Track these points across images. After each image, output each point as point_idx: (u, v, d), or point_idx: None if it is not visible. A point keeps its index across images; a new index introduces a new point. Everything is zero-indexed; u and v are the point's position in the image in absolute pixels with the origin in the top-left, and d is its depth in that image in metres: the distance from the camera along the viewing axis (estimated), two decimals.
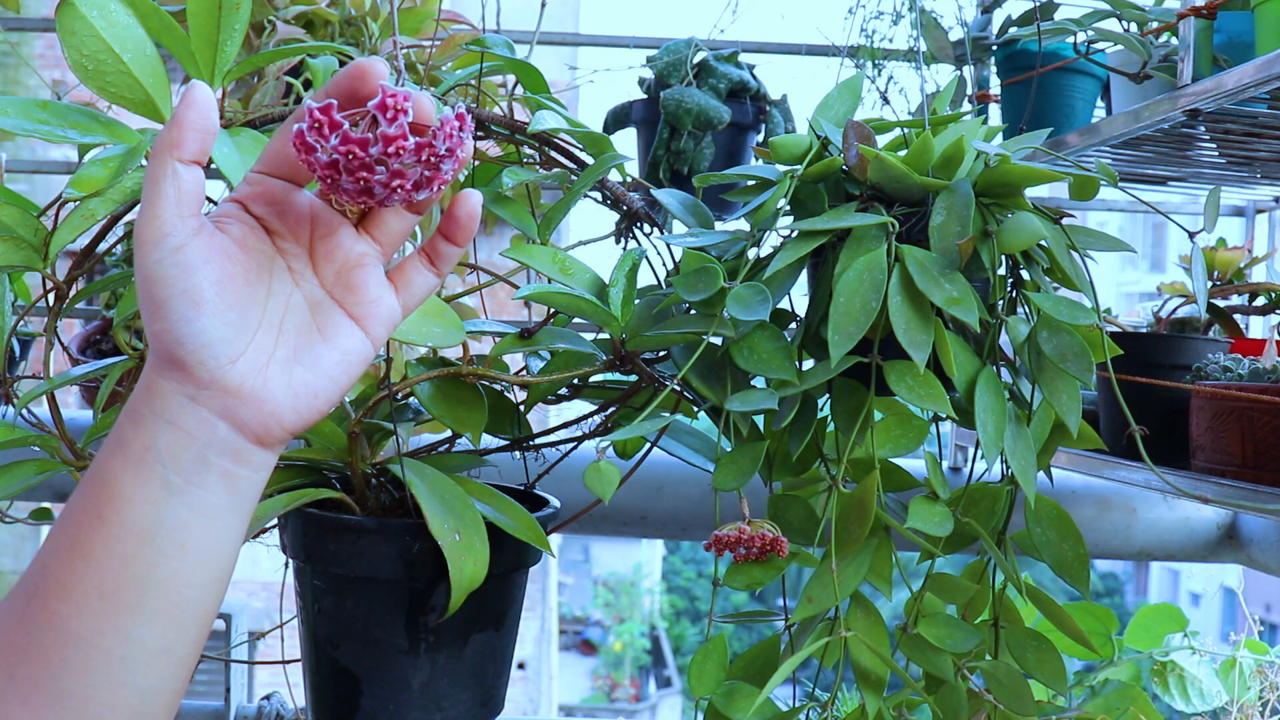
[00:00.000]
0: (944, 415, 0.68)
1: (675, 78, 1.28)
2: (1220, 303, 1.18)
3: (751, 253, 0.71)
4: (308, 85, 1.02)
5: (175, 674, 0.50)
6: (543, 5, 1.01)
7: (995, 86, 1.27)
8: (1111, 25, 1.13)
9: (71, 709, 0.47)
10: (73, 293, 0.79)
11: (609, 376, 0.79)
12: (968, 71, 1.29)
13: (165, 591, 0.48)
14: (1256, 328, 1.32)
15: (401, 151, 0.46)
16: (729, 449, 0.70)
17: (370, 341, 0.52)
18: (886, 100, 1.32)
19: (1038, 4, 1.17)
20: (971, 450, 0.75)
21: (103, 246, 0.78)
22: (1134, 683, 1.23)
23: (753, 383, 0.71)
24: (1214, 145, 1.10)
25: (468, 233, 0.54)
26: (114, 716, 0.48)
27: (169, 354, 0.47)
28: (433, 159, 0.47)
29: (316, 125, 0.46)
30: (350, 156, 0.46)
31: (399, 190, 0.48)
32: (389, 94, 0.46)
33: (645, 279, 0.77)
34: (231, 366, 0.48)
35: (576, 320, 0.91)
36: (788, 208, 0.72)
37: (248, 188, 0.50)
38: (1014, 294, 0.72)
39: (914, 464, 0.93)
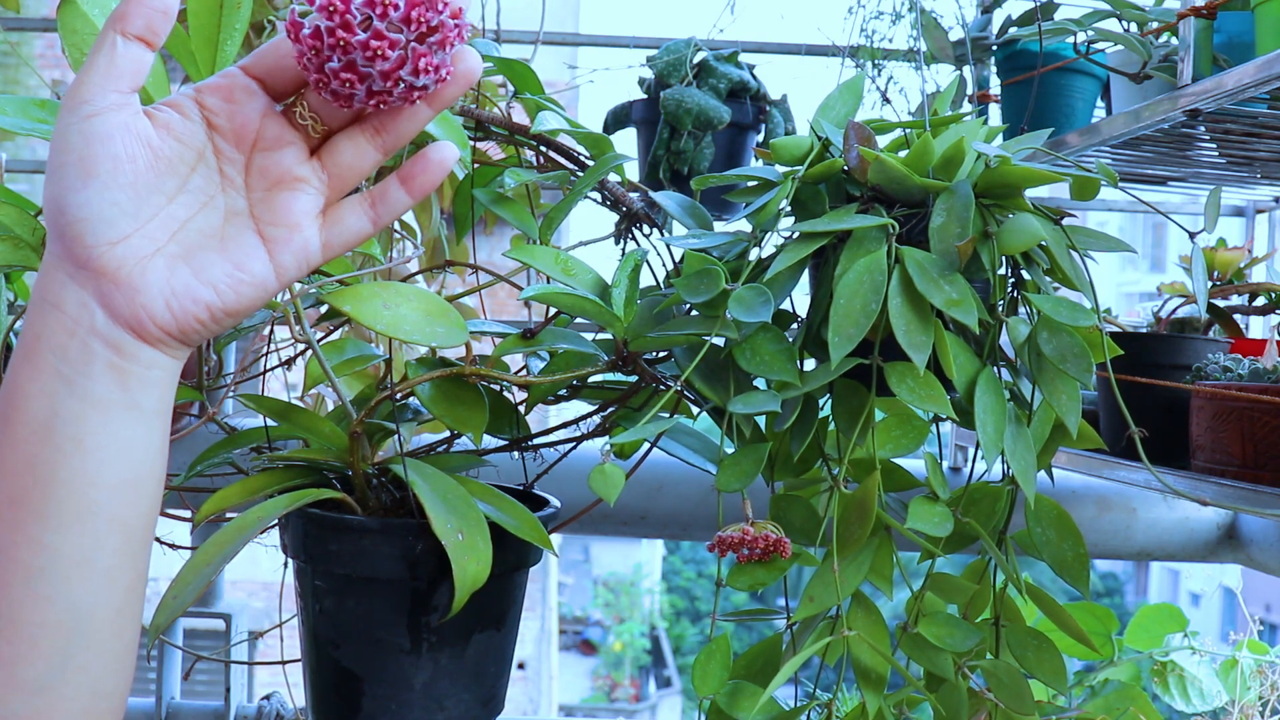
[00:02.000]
0: (944, 416, 0.68)
1: (675, 78, 1.28)
2: (1220, 303, 1.18)
3: (753, 254, 0.71)
4: None
5: (107, 588, 0.48)
6: (543, 5, 1.01)
7: (995, 87, 1.27)
8: (1111, 25, 1.13)
9: (5, 631, 0.46)
10: None
11: (608, 377, 0.79)
12: (968, 71, 1.29)
13: (70, 494, 0.47)
14: (1256, 328, 1.32)
15: (390, 6, 0.44)
16: (731, 450, 0.70)
17: (273, 269, 0.50)
18: (887, 100, 1.32)
19: (1038, 4, 1.17)
20: (972, 450, 0.76)
21: None
22: (1134, 683, 1.23)
23: (755, 384, 0.71)
24: (1214, 145, 1.10)
25: (428, 181, 0.51)
26: (46, 636, 0.47)
27: (55, 224, 0.46)
28: (425, 28, 0.45)
29: None
30: (332, 11, 0.44)
31: (384, 61, 0.45)
32: None
33: (644, 280, 0.77)
34: (110, 248, 0.46)
35: (577, 321, 0.91)
36: (789, 209, 0.72)
37: (216, 79, 0.49)
38: (1014, 295, 0.72)
39: (914, 464, 0.93)
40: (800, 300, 0.73)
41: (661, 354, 0.77)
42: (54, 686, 0.47)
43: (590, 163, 0.84)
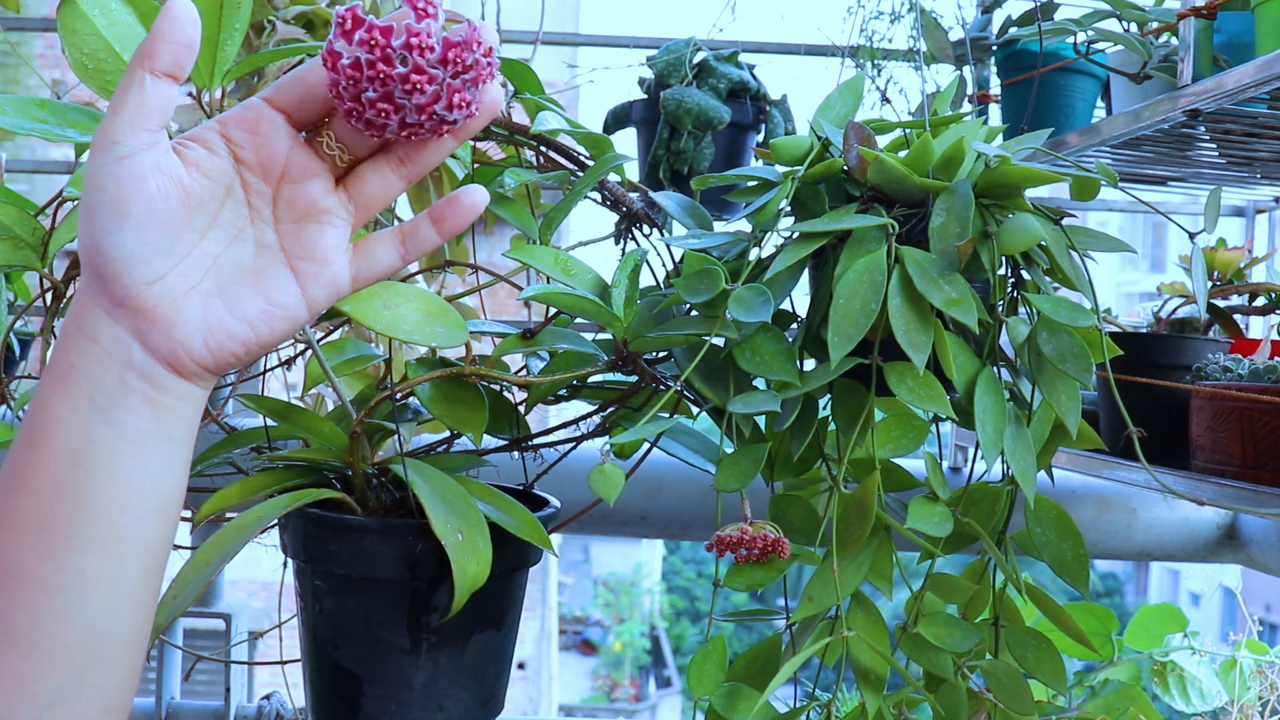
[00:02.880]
0: (944, 416, 0.68)
1: (675, 78, 1.28)
2: (1220, 303, 1.18)
3: (753, 254, 0.71)
4: None
5: (126, 609, 0.49)
6: (543, 5, 1.01)
7: (995, 87, 1.27)
8: (1111, 25, 1.13)
9: (23, 646, 0.47)
10: (71, 292, 0.79)
11: (608, 377, 0.79)
12: (968, 71, 1.29)
13: (99, 518, 0.47)
14: (1256, 328, 1.32)
15: (426, 48, 0.45)
16: (731, 450, 0.70)
17: (304, 301, 0.51)
18: (887, 100, 1.32)
19: (1038, 4, 1.17)
20: (971, 450, 0.76)
21: None
22: (1134, 683, 1.23)
23: (754, 384, 0.71)
24: (1214, 145, 1.10)
25: (458, 223, 0.52)
26: (66, 653, 0.47)
27: (90, 263, 0.47)
28: (460, 67, 0.46)
29: (342, 23, 0.45)
30: (373, 46, 0.45)
31: (420, 95, 0.46)
32: None
33: (644, 280, 0.77)
34: (148, 288, 0.47)
35: (577, 321, 0.91)
36: (789, 209, 0.72)
37: (239, 110, 0.49)
38: (1014, 295, 0.72)
39: (914, 464, 0.93)
40: (800, 300, 0.73)
41: (661, 354, 0.77)
42: (65, 702, 0.48)
43: (590, 163, 0.84)
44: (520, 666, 7.11)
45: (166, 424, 0.49)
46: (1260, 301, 1.18)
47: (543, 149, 0.85)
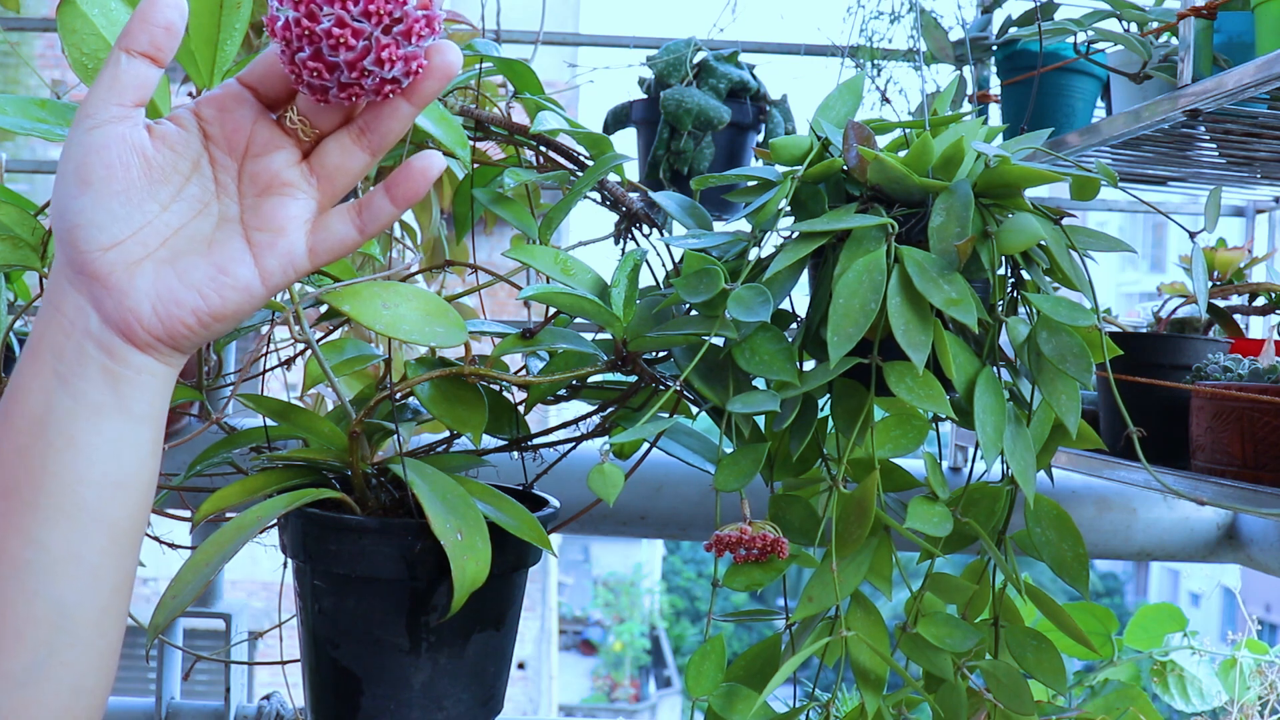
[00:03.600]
0: (944, 416, 0.68)
1: (675, 78, 1.28)
2: (1220, 303, 1.18)
3: (752, 254, 0.71)
4: None
5: (92, 586, 0.49)
6: (543, 5, 1.01)
7: (995, 87, 1.27)
8: (1111, 25, 1.13)
9: None
10: None
11: (608, 377, 0.79)
12: (968, 71, 1.29)
13: (60, 489, 0.48)
14: (1256, 328, 1.32)
15: (350, 1, 0.46)
16: (730, 450, 0.70)
17: (257, 273, 0.51)
18: (887, 100, 1.32)
19: (1038, 4, 1.17)
20: (971, 450, 0.76)
21: None
22: (1134, 683, 1.23)
23: (754, 383, 0.71)
24: (1214, 145, 1.10)
25: (412, 192, 0.52)
26: (31, 630, 0.48)
27: (57, 231, 0.48)
28: (388, 20, 0.46)
29: None
30: (298, 3, 0.46)
31: (348, 51, 0.46)
32: None
33: (644, 280, 0.77)
34: (103, 253, 0.48)
35: (576, 321, 0.91)
36: (789, 209, 0.72)
37: (213, 91, 0.51)
38: (1014, 294, 0.72)
39: (914, 464, 0.93)
40: (800, 300, 0.73)
41: (661, 354, 0.77)
42: (36, 681, 0.48)
43: (590, 163, 0.84)
44: (520, 666, 7.11)
45: (125, 397, 0.49)
46: (1260, 301, 1.18)
47: (543, 149, 0.85)
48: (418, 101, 0.50)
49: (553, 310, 0.78)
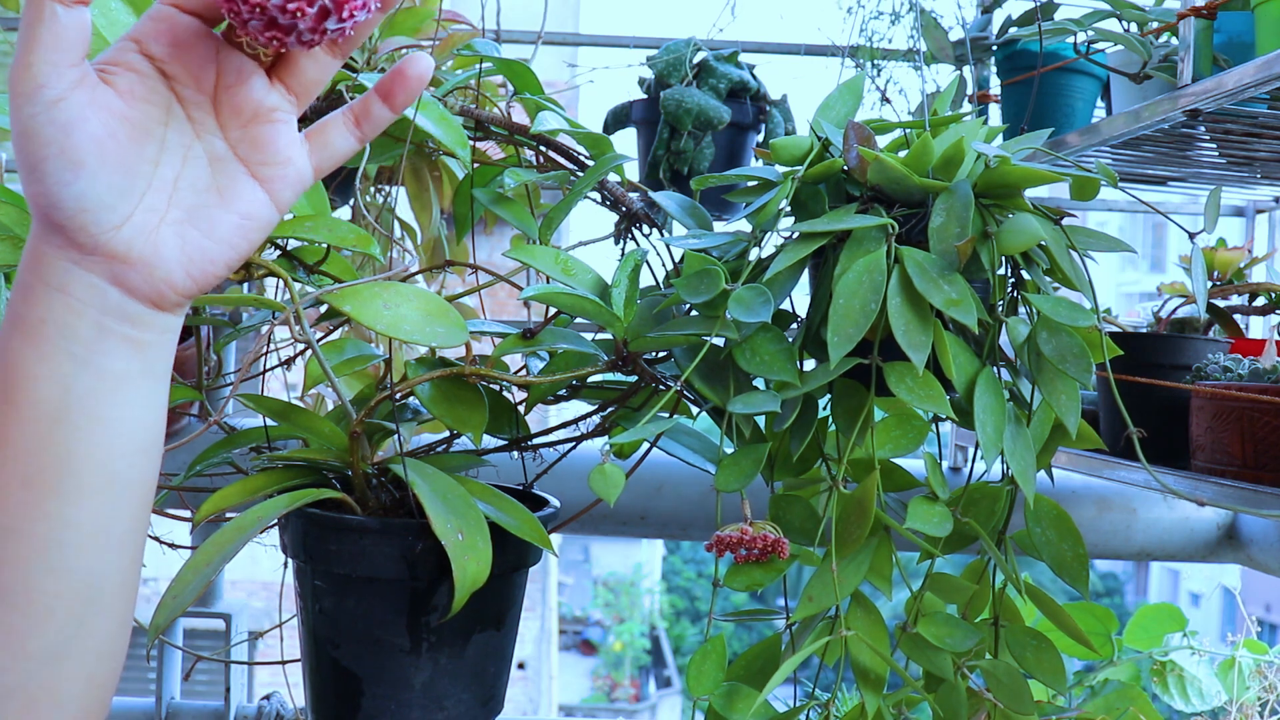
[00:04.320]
0: (944, 416, 0.68)
1: (675, 78, 1.28)
2: (1220, 303, 1.18)
3: (753, 254, 0.71)
4: None
5: (119, 554, 0.48)
6: (544, 5, 1.01)
7: (995, 87, 1.27)
8: (1111, 25, 1.13)
9: (18, 605, 0.46)
10: None
11: (608, 377, 0.79)
12: (968, 71, 1.29)
13: (91, 467, 0.46)
14: (1256, 328, 1.32)
15: None
16: (731, 450, 0.70)
17: (274, 206, 0.49)
18: (887, 100, 1.32)
19: (1038, 4, 1.17)
20: (971, 450, 0.76)
21: None
22: (1134, 682, 1.23)
23: (754, 384, 0.71)
24: (1214, 145, 1.10)
25: (409, 95, 0.50)
26: (62, 605, 0.47)
27: (48, 218, 0.45)
28: None
29: None
30: None
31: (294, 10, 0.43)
32: None
33: (644, 280, 0.77)
34: (116, 232, 0.45)
35: (577, 321, 0.91)
36: (789, 209, 0.72)
37: (149, 23, 0.46)
38: (1014, 295, 0.72)
39: (914, 464, 0.93)
40: (800, 300, 0.73)
41: (661, 354, 0.77)
42: (66, 655, 0.47)
43: (590, 163, 0.84)
44: (520, 666, 7.11)
45: (149, 360, 0.48)
46: (1260, 301, 1.18)
47: (543, 149, 0.85)
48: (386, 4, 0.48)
49: (553, 310, 0.78)
